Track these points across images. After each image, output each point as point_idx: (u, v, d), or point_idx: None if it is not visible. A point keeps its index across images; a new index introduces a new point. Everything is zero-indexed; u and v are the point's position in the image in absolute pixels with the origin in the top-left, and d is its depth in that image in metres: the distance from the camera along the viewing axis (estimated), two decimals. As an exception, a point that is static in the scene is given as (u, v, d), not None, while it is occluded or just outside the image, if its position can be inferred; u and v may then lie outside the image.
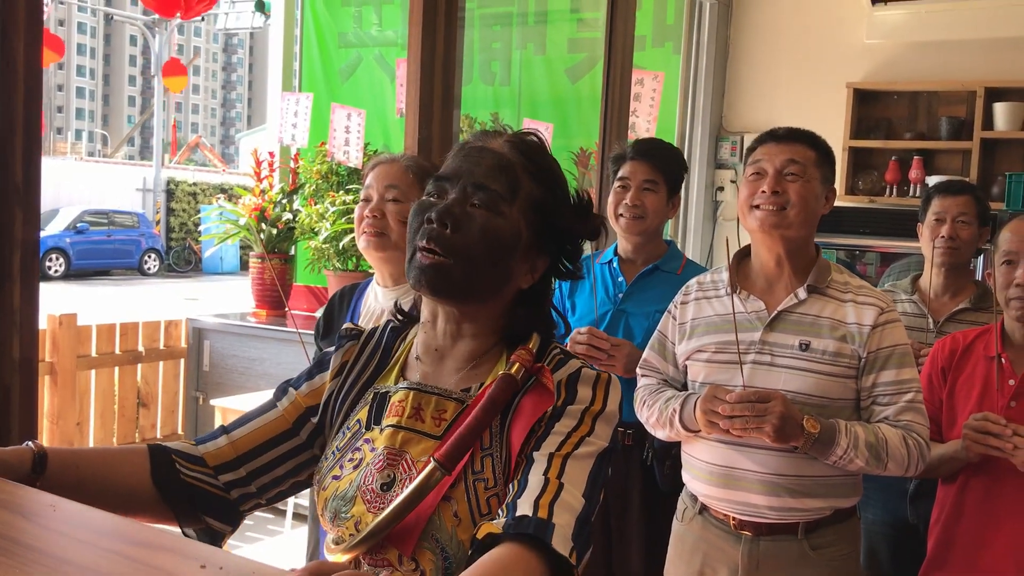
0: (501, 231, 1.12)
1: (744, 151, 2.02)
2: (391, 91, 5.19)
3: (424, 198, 1.16)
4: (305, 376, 1.28)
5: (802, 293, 1.88)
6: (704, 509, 1.97)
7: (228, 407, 4.18)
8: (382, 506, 1.10)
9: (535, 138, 1.20)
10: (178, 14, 2.94)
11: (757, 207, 1.87)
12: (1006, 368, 1.99)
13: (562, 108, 5.13)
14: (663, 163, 2.40)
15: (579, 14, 5.20)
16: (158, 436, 4.97)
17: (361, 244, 2.00)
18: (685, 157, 5.02)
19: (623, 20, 3.83)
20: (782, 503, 1.85)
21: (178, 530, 1.14)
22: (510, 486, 1.06)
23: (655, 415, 1.98)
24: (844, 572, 1.89)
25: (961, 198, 2.62)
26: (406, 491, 1.06)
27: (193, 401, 4.83)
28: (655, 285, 2.37)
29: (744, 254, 2.01)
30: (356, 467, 1.14)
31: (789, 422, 1.72)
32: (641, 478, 2.35)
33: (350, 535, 1.10)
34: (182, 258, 21.98)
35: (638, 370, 2.12)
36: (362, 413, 1.20)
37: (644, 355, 2.10)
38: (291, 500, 4.00)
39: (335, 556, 1.08)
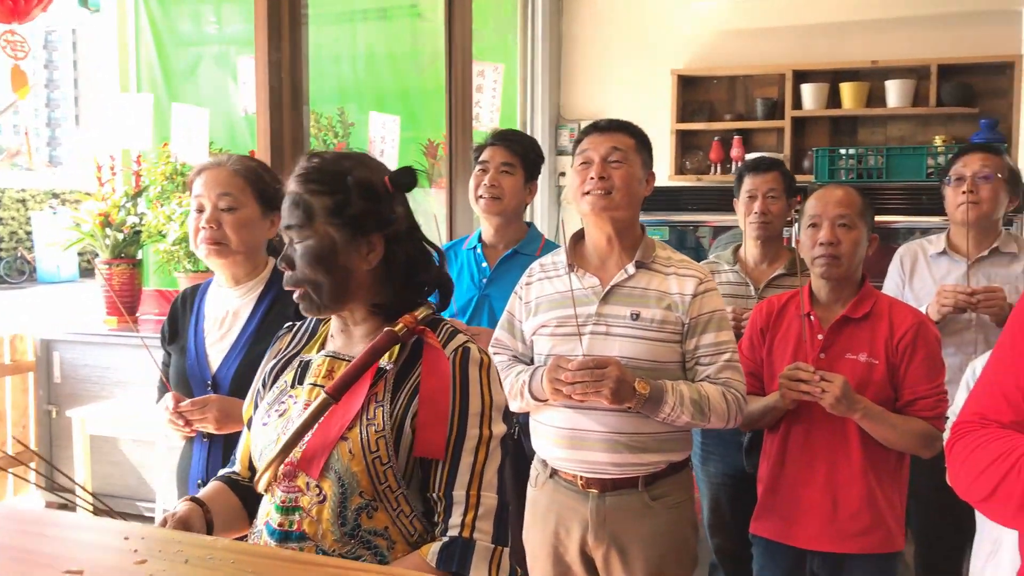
0: (315, 248, 1.42)
1: (573, 142, 2.23)
2: (235, 89, 5.15)
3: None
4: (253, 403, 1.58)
5: (631, 268, 2.08)
6: (555, 473, 2.15)
7: (87, 417, 4.10)
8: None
9: (315, 159, 1.46)
10: (14, 21, 2.85)
11: (587, 193, 2.06)
12: (815, 324, 2.23)
13: (409, 101, 5.22)
14: (520, 147, 2.61)
15: (419, 9, 5.30)
16: (9, 452, 4.78)
17: (201, 253, 2.01)
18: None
19: (461, 16, 3.99)
20: (622, 459, 2.05)
21: (93, 515, 1.22)
22: (436, 486, 1.38)
23: (507, 388, 2.13)
24: (680, 517, 2.11)
25: (769, 175, 2.86)
26: (304, 414, 1.38)
27: (46, 415, 4.68)
28: (516, 269, 2.48)
29: (580, 236, 2.20)
30: (280, 416, 1.46)
31: (623, 385, 1.92)
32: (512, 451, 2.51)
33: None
34: (14, 268, 20.58)
35: (491, 348, 2.26)
36: (288, 376, 1.52)
37: (495, 334, 2.25)
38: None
39: (259, 471, 1.43)
